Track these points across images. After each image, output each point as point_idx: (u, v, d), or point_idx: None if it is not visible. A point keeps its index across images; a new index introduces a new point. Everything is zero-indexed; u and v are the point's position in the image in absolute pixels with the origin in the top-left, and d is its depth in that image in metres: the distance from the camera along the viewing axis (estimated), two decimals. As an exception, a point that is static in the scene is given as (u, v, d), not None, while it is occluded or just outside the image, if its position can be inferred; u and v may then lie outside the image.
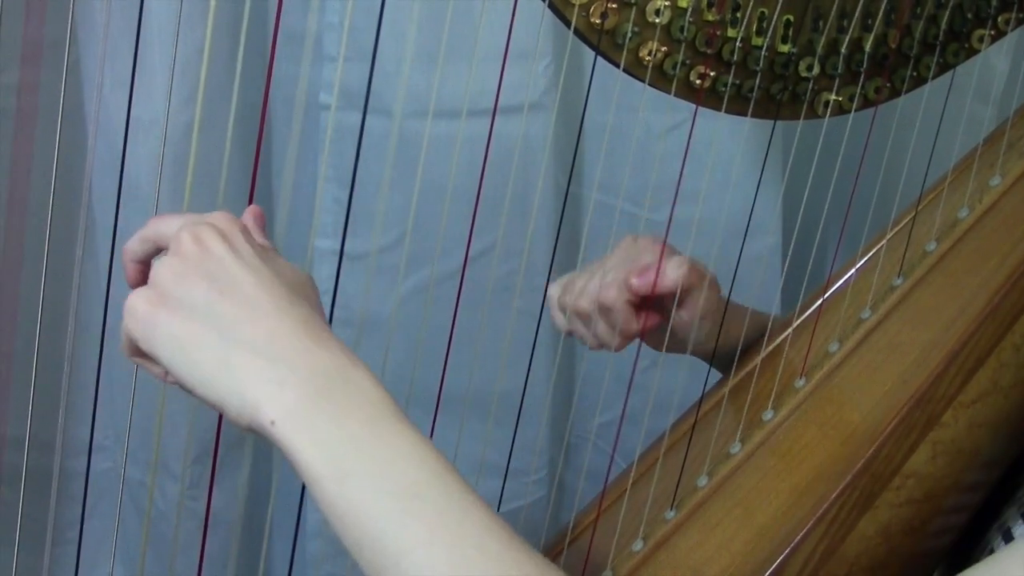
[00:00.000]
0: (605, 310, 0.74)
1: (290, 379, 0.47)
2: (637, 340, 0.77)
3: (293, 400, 0.47)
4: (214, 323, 0.48)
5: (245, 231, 0.52)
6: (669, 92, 0.68)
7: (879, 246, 0.78)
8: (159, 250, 0.54)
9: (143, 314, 0.49)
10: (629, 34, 0.66)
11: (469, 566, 0.45)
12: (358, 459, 0.46)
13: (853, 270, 0.78)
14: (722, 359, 0.79)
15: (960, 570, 0.67)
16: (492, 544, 0.46)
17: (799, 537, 0.64)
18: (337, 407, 0.47)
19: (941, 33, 0.72)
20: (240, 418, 0.47)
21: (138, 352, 0.51)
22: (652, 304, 0.75)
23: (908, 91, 0.73)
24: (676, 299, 0.73)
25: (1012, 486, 0.67)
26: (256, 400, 0.47)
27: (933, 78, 0.73)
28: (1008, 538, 0.62)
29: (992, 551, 0.63)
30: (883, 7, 0.70)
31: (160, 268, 0.50)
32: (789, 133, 0.79)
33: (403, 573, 0.44)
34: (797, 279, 0.79)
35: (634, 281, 0.73)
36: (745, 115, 0.71)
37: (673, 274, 0.73)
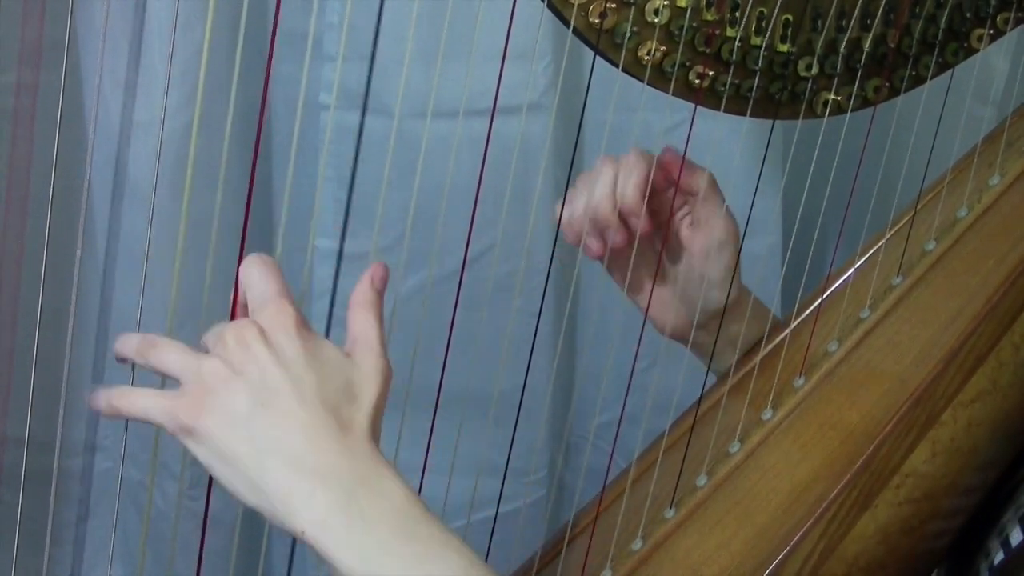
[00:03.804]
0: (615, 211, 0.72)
1: (319, 491, 0.50)
2: (637, 341, 0.77)
3: (322, 511, 0.49)
4: (251, 434, 0.50)
5: (298, 326, 0.53)
6: (668, 92, 0.68)
7: (878, 245, 0.78)
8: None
9: (185, 418, 0.51)
10: (628, 33, 0.66)
11: None
12: (387, 564, 0.49)
13: (852, 269, 0.78)
14: (722, 354, 0.79)
15: (959, 571, 0.68)
16: None
17: (798, 536, 0.64)
18: (365, 515, 0.50)
19: (940, 32, 0.72)
20: (273, 522, 0.50)
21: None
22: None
23: (907, 90, 0.73)
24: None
25: (1009, 488, 0.67)
26: (288, 510, 0.49)
27: (932, 77, 0.73)
28: (1006, 543, 0.62)
29: (990, 556, 0.63)
30: (882, 6, 0.70)
31: (205, 368, 0.51)
32: (788, 133, 0.79)
33: None
34: (796, 278, 0.79)
35: (667, 156, 0.72)
36: (744, 115, 0.71)
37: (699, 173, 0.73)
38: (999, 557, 0.62)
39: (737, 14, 0.67)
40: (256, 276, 0.55)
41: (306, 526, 0.49)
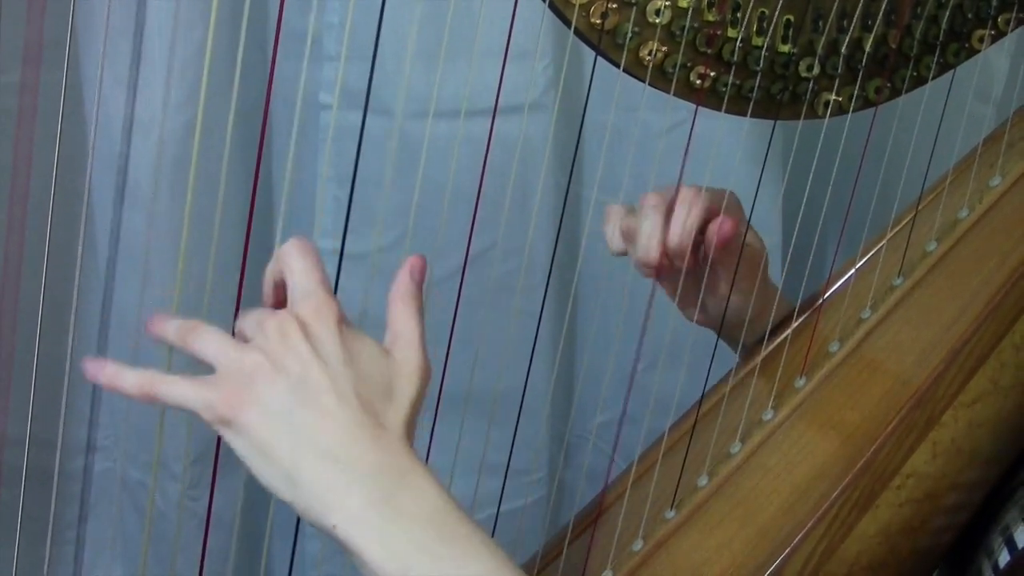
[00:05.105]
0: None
1: (355, 486, 0.50)
2: (637, 341, 0.77)
3: (357, 505, 0.49)
4: (288, 430, 0.50)
5: (339, 321, 0.53)
6: (669, 92, 0.69)
7: (879, 246, 0.78)
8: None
9: (225, 411, 0.51)
10: (629, 34, 0.66)
11: None
12: (419, 558, 0.49)
13: (853, 270, 0.78)
14: (747, 342, 0.79)
15: (960, 569, 0.68)
16: None
17: (799, 537, 0.64)
18: (401, 512, 0.50)
19: (941, 33, 0.72)
20: (306, 518, 0.50)
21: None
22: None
23: (908, 91, 0.73)
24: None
25: (1011, 486, 0.67)
26: (323, 505, 0.49)
27: (933, 78, 0.73)
28: (1010, 542, 0.62)
29: (993, 555, 0.63)
30: (883, 7, 0.70)
31: (247, 360, 0.51)
32: (789, 133, 0.79)
33: None
34: (797, 279, 0.79)
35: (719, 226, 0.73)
36: (745, 115, 0.71)
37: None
38: (1004, 557, 0.62)
39: (738, 15, 0.68)
40: (298, 263, 0.55)
41: (339, 521, 0.49)
